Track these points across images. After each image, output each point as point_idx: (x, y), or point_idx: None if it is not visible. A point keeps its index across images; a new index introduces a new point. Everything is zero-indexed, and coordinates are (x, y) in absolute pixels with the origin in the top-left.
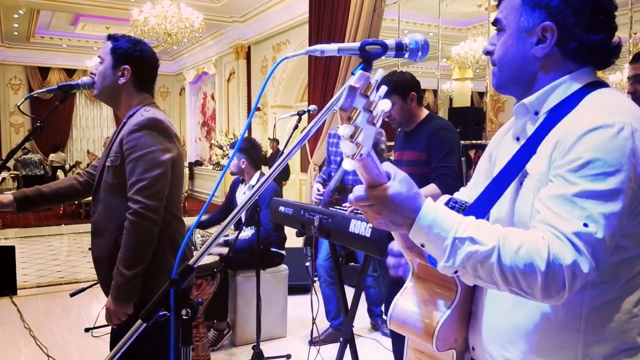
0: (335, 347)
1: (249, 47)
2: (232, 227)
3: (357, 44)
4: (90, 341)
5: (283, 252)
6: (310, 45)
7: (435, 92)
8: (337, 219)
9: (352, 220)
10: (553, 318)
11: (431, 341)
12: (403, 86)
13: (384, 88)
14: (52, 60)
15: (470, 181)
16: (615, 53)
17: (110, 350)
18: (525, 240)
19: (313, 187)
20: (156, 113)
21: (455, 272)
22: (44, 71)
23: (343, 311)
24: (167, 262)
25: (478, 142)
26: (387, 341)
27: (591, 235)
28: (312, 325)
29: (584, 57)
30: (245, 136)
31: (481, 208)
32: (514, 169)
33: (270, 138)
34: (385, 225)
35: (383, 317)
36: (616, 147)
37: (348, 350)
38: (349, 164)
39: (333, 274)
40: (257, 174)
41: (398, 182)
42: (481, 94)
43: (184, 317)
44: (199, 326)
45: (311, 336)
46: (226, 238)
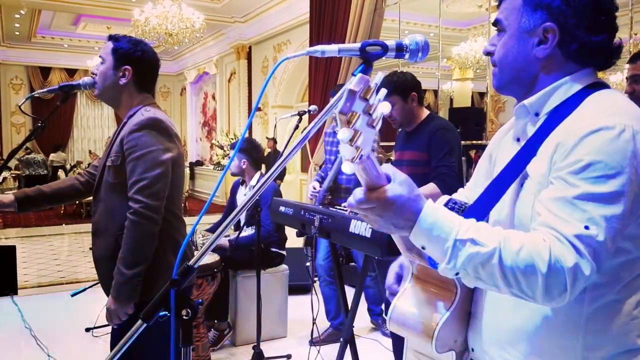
0: (335, 347)
1: (250, 47)
2: (232, 228)
3: (358, 45)
4: (90, 341)
5: (284, 253)
6: (311, 45)
7: (435, 93)
8: (338, 219)
9: (353, 220)
10: (553, 319)
11: (431, 343)
12: (404, 86)
13: (384, 91)
14: (54, 60)
15: (469, 181)
16: (616, 54)
17: (110, 350)
18: (526, 242)
19: (309, 185)
20: (157, 113)
21: (456, 274)
22: (45, 71)
23: (343, 311)
24: (168, 262)
25: (478, 143)
26: (388, 341)
27: (592, 237)
28: (313, 325)
29: (585, 58)
30: (245, 136)
31: (481, 209)
32: (514, 171)
33: (268, 137)
34: (385, 227)
35: (383, 317)
36: (617, 150)
37: (348, 350)
38: (348, 167)
39: (332, 274)
40: (257, 175)
41: (398, 185)
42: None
43: (184, 317)
44: (200, 326)
45: (311, 336)
46: (227, 238)
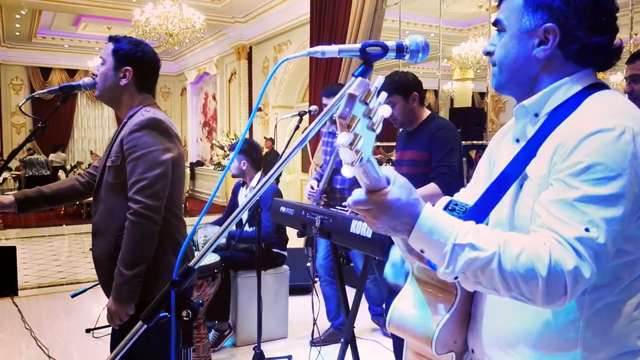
0: (336, 348)
1: (251, 48)
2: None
3: (358, 46)
4: (91, 342)
5: (284, 253)
6: (311, 45)
7: (436, 93)
8: (339, 220)
9: (354, 221)
10: (553, 321)
11: (430, 345)
12: (405, 86)
13: (384, 94)
14: (54, 60)
15: (470, 182)
16: (616, 55)
17: (110, 351)
18: (526, 245)
19: (307, 184)
20: (157, 113)
21: (455, 278)
22: (46, 71)
23: (344, 311)
24: (168, 262)
25: (479, 143)
26: (388, 342)
27: (593, 240)
28: (313, 326)
29: (586, 59)
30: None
31: (481, 211)
32: (514, 172)
33: (265, 137)
34: (384, 230)
35: (384, 317)
36: (617, 151)
37: (349, 351)
38: (348, 171)
39: (333, 273)
40: (258, 175)
41: (397, 188)
42: (482, 95)
43: (185, 318)
44: (200, 327)
45: (312, 337)
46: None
